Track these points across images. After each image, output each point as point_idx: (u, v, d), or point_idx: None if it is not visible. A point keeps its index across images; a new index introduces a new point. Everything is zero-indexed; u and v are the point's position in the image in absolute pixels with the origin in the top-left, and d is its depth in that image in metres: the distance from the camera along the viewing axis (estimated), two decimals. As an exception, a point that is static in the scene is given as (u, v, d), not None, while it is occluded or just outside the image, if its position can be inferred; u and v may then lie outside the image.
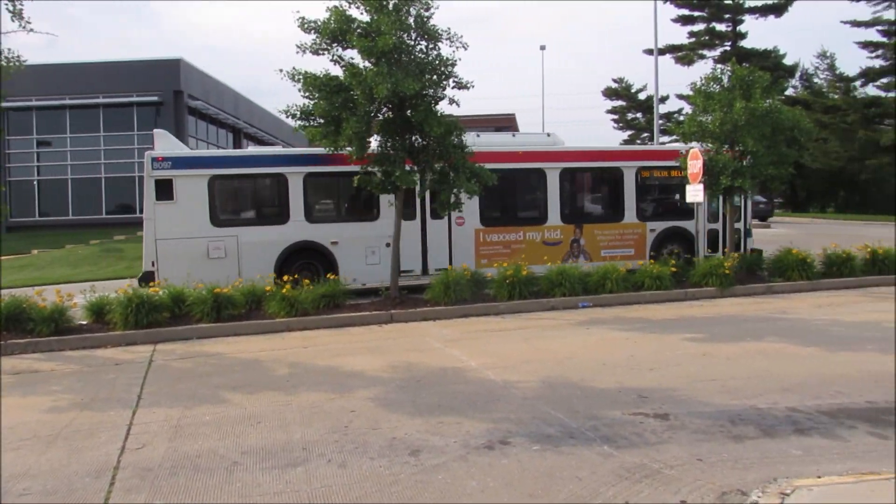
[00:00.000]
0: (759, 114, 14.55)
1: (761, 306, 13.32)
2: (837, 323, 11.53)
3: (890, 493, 4.65)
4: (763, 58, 48.00)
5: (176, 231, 14.44)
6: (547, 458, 5.81)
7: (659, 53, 37.59)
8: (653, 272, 14.28)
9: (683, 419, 6.71)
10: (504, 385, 8.15)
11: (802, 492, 4.71)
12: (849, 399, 7.22)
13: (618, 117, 64.81)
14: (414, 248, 15.55)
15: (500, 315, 13.00)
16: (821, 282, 15.31)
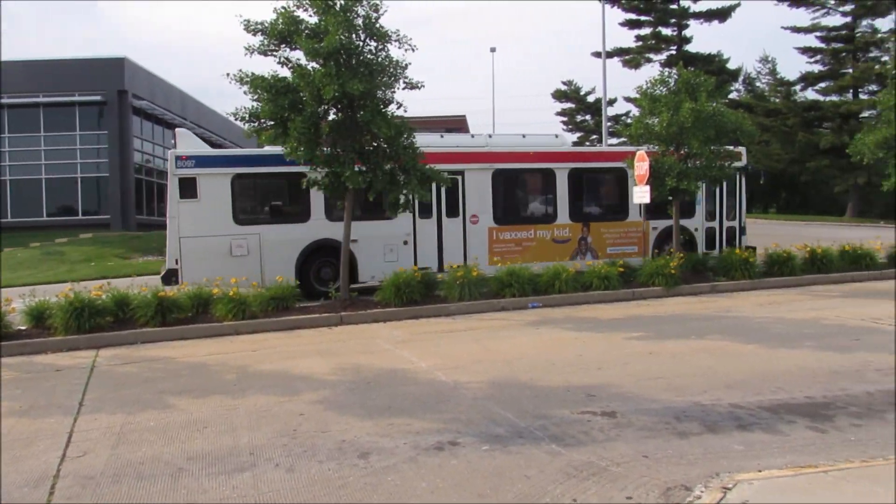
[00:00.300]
0: (704, 116, 14.87)
1: (706, 305, 13.60)
2: (778, 321, 11.83)
3: (826, 486, 4.79)
4: (707, 62, 49.02)
5: (199, 229, 14.65)
6: (496, 458, 5.84)
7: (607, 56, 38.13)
8: (601, 273, 14.48)
9: (630, 417, 6.81)
10: (454, 386, 8.17)
11: (743, 486, 4.82)
12: (789, 395, 7.41)
13: (567, 119, 65.52)
14: (431, 245, 16.14)
15: (451, 316, 13.03)
16: (763, 281, 15.72)
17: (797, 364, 8.71)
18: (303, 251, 15.24)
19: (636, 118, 16.90)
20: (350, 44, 12.23)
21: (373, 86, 12.19)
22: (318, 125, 12.72)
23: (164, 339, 11.68)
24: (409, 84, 12.81)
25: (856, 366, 8.55)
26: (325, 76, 11.66)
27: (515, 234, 16.89)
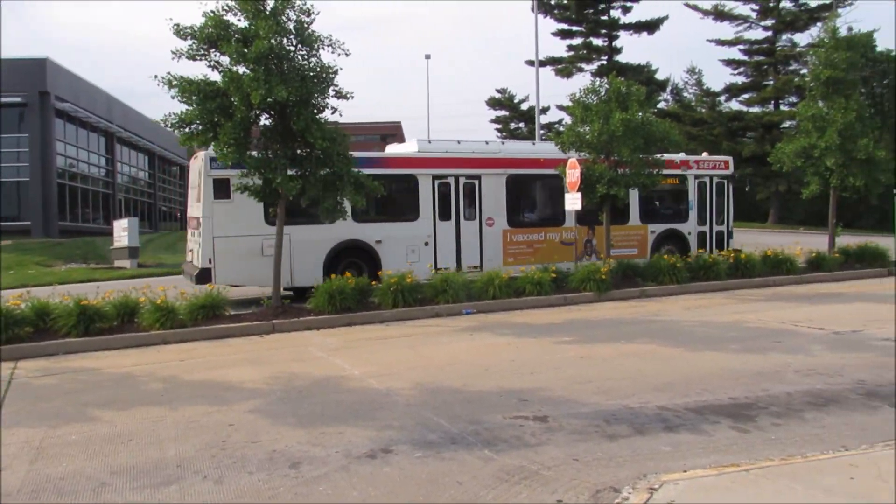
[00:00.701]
0: (634, 125, 15.20)
1: (636, 309, 13.89)
2: (704, 324, 12.17)
3: (747, 484, 4.94)
4: (637, 72, 50.20)
5: (232, 229, 14.78)
6: (429, 465, 5.83)
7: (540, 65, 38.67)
8: (534, 278, 14.63)
9: (561, 420, 6.89)
10: (387, 393, 8.13)
11: (669, 486, 4.93)
12: (713, 396, 7.63)
13: (501, 126, 66.14)
14: (450, 247, 16.84)
15: (386, 323, 12.99)
16: (689, 285, 16.15)
17: (722, 366, 8.97)
18: (331, 251, 15.60)
19: (568, 126, 17.18)
20: (281, 49, 12.09)
21: (304, 92, 12.06)
22: (248, 130, 12.54)
23: (88, 350, 11.30)
24: (339, 93, 12.74)
25: (776, 367, 8.86)
26: (254, 81, 11.50)
27: (527, 237, 17.61)
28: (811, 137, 19.03)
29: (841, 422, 6.71)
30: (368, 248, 15.94)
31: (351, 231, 15.72)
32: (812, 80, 19.82)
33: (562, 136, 16.82)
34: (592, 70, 51.66)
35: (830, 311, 13.26)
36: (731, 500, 4.67)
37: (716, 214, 19.83)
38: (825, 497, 4.68)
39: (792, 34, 48.71)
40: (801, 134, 19.64)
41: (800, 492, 4.76)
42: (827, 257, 18.78)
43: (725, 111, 51.05)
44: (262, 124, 12.94)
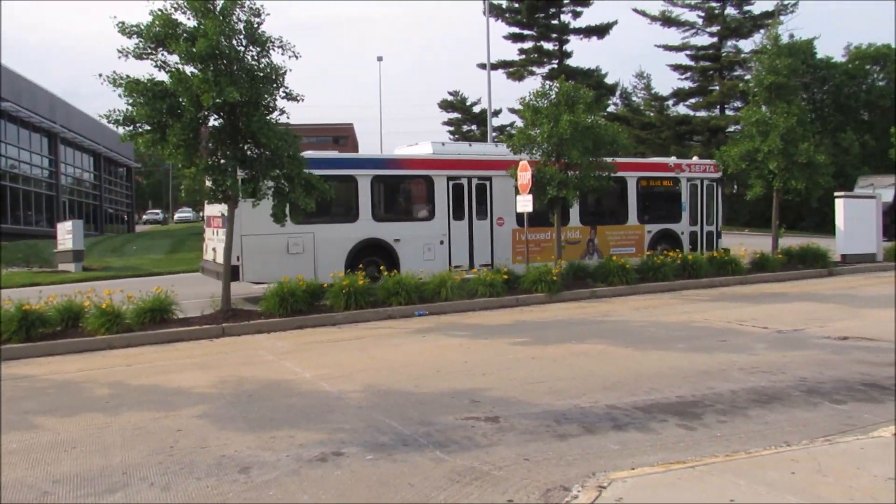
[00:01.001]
0: (582, 128, 15.40)
1: (586, 310, 14.06)
2: (653, 324, 12.38)
3: (693, 480, 5.04)
4: (587, 76, 50.87)
5: (259, 227, 14.90)
6: (380, 467, 5.82)
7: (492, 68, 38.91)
8: (486, 280, 14.70)
9: (513, 421, 6.94)
10: (339, 395, 8.09)
11: (617, 484, 5.00)
12: (661, 395, 7.77)
13: (454, 129, 66.35)
14: (463, 245, 17.51)
15: (338, 325, 12.91)
16: (638, 286, 16.42)
17: (669, 365, 9.14)
18: (352, 249, 16.11)
19: (519, 129, 17.31)
20: (230, 49, 11.95)
21: (254, 93, 11.93)
22: (197, 131, 12.35)
23: (30, 356, 10.99)
24: (289, 95, 12.63)
25: (722, 366, 9.06)
26: (204, 82, 11.34)
27: (535, 236, 18.00)
28: (755, 141, 19.51)
29: (783, 418, 6.90)
30: (387, 247, 16.54)
31: (371, 230, 16.31)
32: (755, 86, 20.32)
33: (513, 139, 16.96)
34: (544, 73, 52.14)
35: (774, 310, 13.61)
36: (677, 496, 4.76)
37: (706, 215, 20.92)
38: (767, 491, 4.80)
39: (736, 41, 49.95)
40: (746, 138, 20.13)
41: (743, 486, 4.88)
42: (770, 258, 19.27)
43: (673, 115, 52.03)
44: (210, 125, 12.76)
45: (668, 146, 48.27)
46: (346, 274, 14.68)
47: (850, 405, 7.30)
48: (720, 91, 49.11)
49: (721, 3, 49.03)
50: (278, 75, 12.53)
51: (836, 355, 9.59)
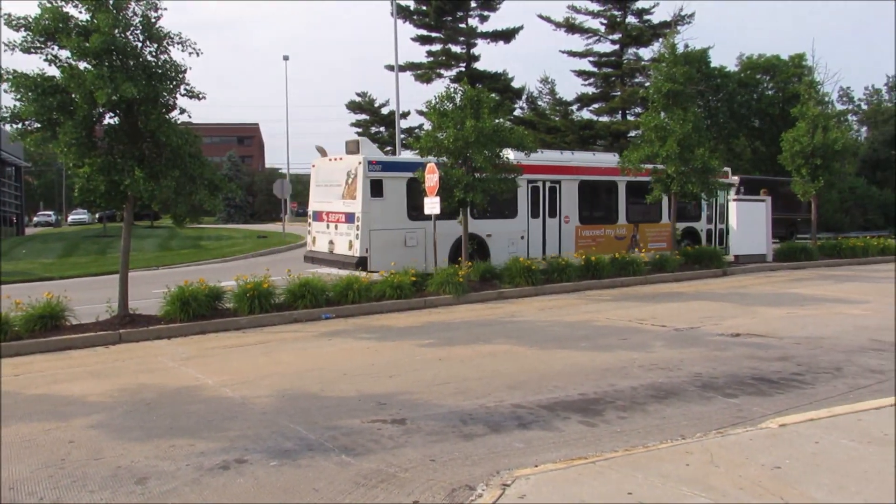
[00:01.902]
0: (487, 132, 15.57)
1: (493, 311, 14.23)
2: (557, 323, 12.65)
3: (593, 475, 5.17)
4: (494, 80, 51.53)
5: (383, 223, 17.51)
6: (284, 473, 5.72)
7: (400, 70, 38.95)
8: (393, 282, 14.67)
9: (419, 422, 6.95)
10: (242, 401, 7.90)
11: (521, 481, 5.08)
12: (564, 393, 7.94)
13: (362, 130, 65.91)
14: (538, 240, 20.34)
15: (242, 330, 12.61)
16: (544, 287, 16.72)
17: (572, 363, 9.36)
18: (455, 243, 18.16)
19: (427, 132, 17.35)
20: (126, 44, 11.51)
21: (151, 90, 11.52)
22: (92, 129, 11.83)
23: None
24: (190, 93, 12.27)
25: (623, 363, 9.34)
26: (98, 78, 10.88)
27: (592, 232, 21.35)
28: (654, 146, 20.20)
29: (679, 412, 7.17)
30: (482, 241, 19.09)
31: (470, 226, 17.86)
32: (654, 93, 21.02)
33: (420, 142, 16.98)
34: (451, 76, 52.48)
35: (672, 309, 14.13)
36: (578, 491, 4.87)
37: (719, 215, 24.23)
38: (662, 483, 4.97)
39: (637, 48, 51.58)
40: (645, 143, 20.81)
41: (640, 479, 5.04)
42: (669, 259, 19.99)
43: (577, 120, 53.27)
44: (106, 123, 12.25)
45: (572, 150, 49.41)
46: (449, 264, 16.78)
47: (740, 399, 7.65)
48: (622, 97, 50.60)
49: (622, 12, 50.58)
50: (178, 72, 12.14)
51: (728, 351, 10.04)
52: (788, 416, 6.59)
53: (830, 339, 10.79)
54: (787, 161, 24.19)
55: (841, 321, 12.42)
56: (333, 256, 18.24)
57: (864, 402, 7.04)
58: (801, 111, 24.25)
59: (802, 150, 23.45)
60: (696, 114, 21.14)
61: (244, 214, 70.16)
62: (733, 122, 43.89)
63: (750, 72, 45.16)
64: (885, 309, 13.72)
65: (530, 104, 60.31)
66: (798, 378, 8.51)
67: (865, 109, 68.25)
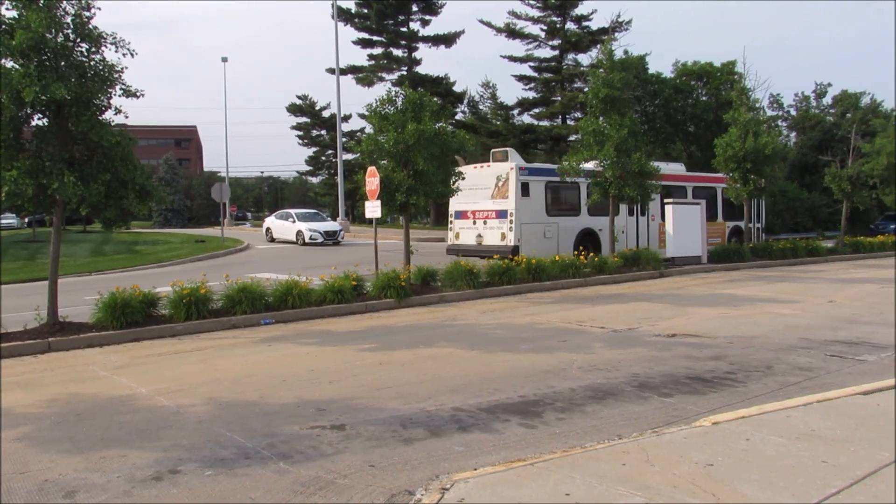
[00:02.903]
0: (427, 135, 15.58)
1: (435, 314, 14.23)
2: (499, 326, 12.71)
3: (532, 476, 5.20)
4: (436, 84, 51.73)
5: (529, 218, 22.25)
6: (220, 483, 5.60)
7: (341, 73, 38.72)
8: (335, 286, 14.55)
9: (359, 428, 6.89)
10: (177, 410, 7.72)
11: (460, 484, 5.07)
12: (505, 395, 7.97)
13: (303, 134, 65.42)
14: (633, 234, 25.46)
15: (178, 337, 12.33)
16: (485, 290, 16.80)
17: (513, 366, 9.41)
18: (577, 235, 23.11)
19: (368, 135, 17.28)
20: (56, 43, 11.15)
21: (83, 91, 11.19)
22: (19, 131, 11.44)
23: None
24: (127, 91, 11.96)
25: (562, 365, 9.43)
26: (25, 77, 10.52)
27: None
28: (592, 150, 20.52)
29: (617, 413, 7.27)
30: (595, 235, 23.64)
31: (588, 222, 23.48)
32: (592, 98, 21.36)
33: (361, 145, 16.91)
34: (393, 80, 52.52)
35: (611, 310, 14.35)
36: (516, 493, 4.89)
37: (757, 215, 29.28)
38: (599, 483, 5.03)
39: (576, 54, 52.41)
40: (584, 147, 21.12)
41: (578, 480, 5.09)
42: (608, 261, 20.31)
43: (518, 124, 53.83)
44: (34, 125, 11.84)
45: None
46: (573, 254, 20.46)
47: (676, 398, 7.80)
48: (562, 102, 51.33)
49: (562, 19, 51.32)
50: (113, 72, 11.83)
51: (665, 351, 10.23)
52: (721, 415, 6.74)
53: (762, 339, 11.10)
54: (721, 165, 24.91)
55: (772, 320, 12.79)
56: (482, 248, 22.46)
57: (793, 399, 7.25)
58: (734, 117, 24.99)
59: (735, 154, 24.16)
60: (633, 119, 21.57)
61: (182, 218, 68.78)
62: (670, 127, 44.90)
63: (685, 78, 46.27)
64: (813, 308, 14.19)
65: (472, 108, 60.70)
66: (731, 377, 8.73)
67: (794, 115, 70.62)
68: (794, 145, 59.48)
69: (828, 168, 29.12)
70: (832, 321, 12.64)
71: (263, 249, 32.99)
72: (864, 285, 18.29)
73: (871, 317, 13.07)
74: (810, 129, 60.90)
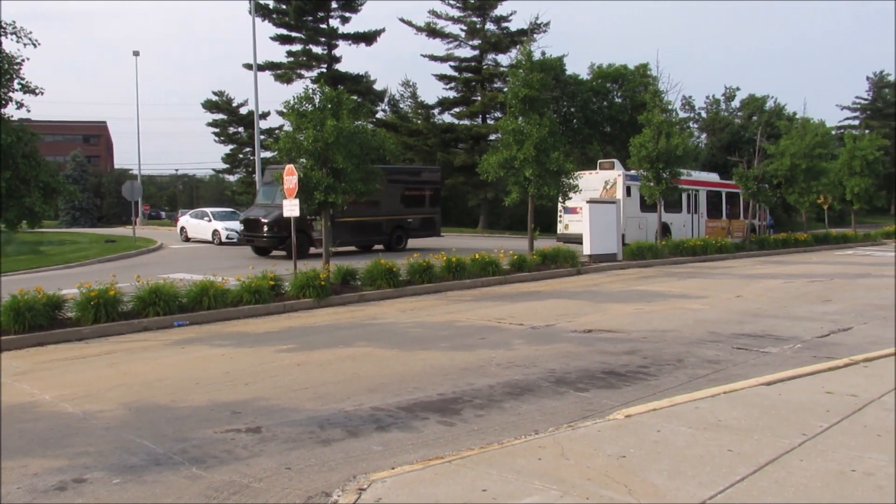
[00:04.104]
0: (346, 133, 15.45)
1: (354, 314, 14.12)
2: (418, 325, 12.71)
3: (449, 474, 5.21)
4: (356, 81, 51.37)
5: (630, 213, 29.30)
6: (128, 491, 5.40)
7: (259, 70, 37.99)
8: (251, 287, 14.26)
9: (275, 430, 6.77)
10: (83, 416, 7.41)
11: (377, 485, 5.04)
12: (424, 393, 7.97)
13: (219, 131, 63.93)
14: (689, 228, 32.78)
15: (85, 340, 11.84)
16: (405, 288, 16.78)
17: (432, 364, 9.42)
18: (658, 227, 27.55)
19: (286, 133, 17.02)
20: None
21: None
22: None
23: None
24: (25, 88, 11.42)
25: (481, 362, 9.50)
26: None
27: (711, 224, 33.92)
28: (512, 150, 20.75)
29: (534, 408, 7.36)
30: (668, 227, 30.48)
31: (665, 218, 28.62)
32: (512, 98, 21.60)
33: (279, 143, 16.64)
34: (312, 77, 51.81)
35: (529, 307, 14.54)
36: (434, 491, 4.89)
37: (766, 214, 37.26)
38: (516, 478, 5.08)
39: (496, 54, 52.85)
40: (504, 146, 21.34)
41: (495, 476, 5.12)
42: (527, 259, 20.58)
43: (439, 123, 53.97)
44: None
45: (434, 153, 49.98)
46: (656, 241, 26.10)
47: (591, 392, 7.96)
48: (482, 101, 51.70)
49: (482, 19, 51.66)
50: (11, 64, 11.28)
51: (581, 347, 10.43)
52: (634, 407, 6.91)
53: (673, 333, 11.45)
54: (635, 165, 25.61)
55: (683, 315, 13.21)
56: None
57: (702, 391, 7.50)
58: (647, 118, 25.71)
59: (648, 154, 24.85)
60: (551, 119, 21.91)
61: (91, 218, 66.28)
62: (587, 128, 45.88)
63: (601, 80, 47.33)
64: (721, 303, 14.73)
65: (392, 107, 60.57)
66: (644, 370, 8.96)
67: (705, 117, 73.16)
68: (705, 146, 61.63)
69: (735, 168, 30.28)
70: (739, 315, 13.14)
71: (178, 249, 32.10)
72: (769, 281, 19.11)
73: (774, 311, 13.65)
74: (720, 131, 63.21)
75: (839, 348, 10.10)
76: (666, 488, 4.90)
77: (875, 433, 5.92)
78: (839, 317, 12.84)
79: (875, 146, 36.49)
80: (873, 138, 37.60)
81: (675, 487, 4.91)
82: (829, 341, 10.74)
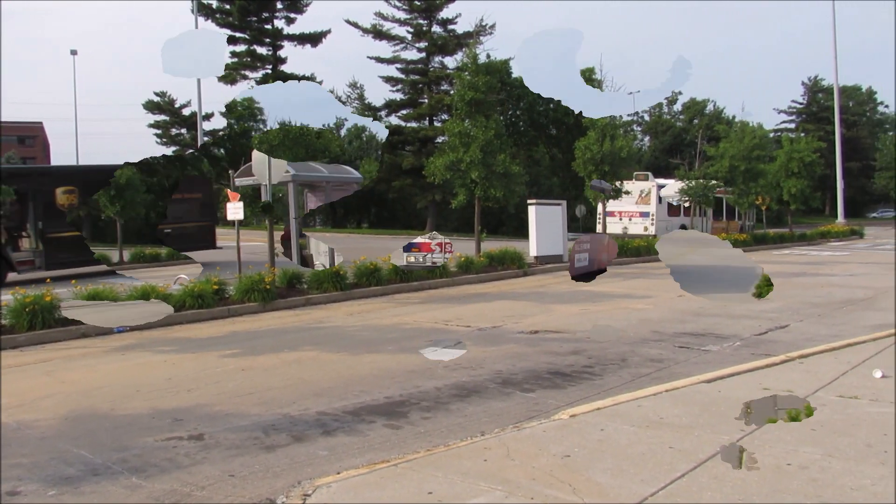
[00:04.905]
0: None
1: (301, 318, 13.98)
2: (366, 328, 12.65)
3: (395, 477, 5.20)
4: (302, 83, 50.76)
5: (660, 217, 36.48)
6: (64, 503, 5.25)
7: (201, 70, 37.25)
8: (194, 291, 14.00)
9: (219, 437, 6.66)
10: (17, 427, 7.17)
11: (322, 490, 5.00)
12: (370, 397, 7.93)
13: (161, 132, 62.66)
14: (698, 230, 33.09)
15: (20, 348, 11.46)
16: (353, 292, 16.67)
17: (379, 367, 9.38)
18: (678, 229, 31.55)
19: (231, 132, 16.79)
20: None
21: None
22: None
23: None
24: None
25: (428, 364, 9.50)
26: None
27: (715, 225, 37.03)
28: (458, 152, 20.82)
29: (480, 409, 7.39)
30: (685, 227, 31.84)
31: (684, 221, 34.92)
32: (458, 101, 21.66)
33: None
34: (257, 78, 51.25)
35: (476, 309, 14.59)
36: (380, 495, 4.87)
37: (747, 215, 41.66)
38: (462, 480, 5.09)
39: (443, 57, 52.93)
40: (450, 149, 21.40)
41: (441, 478, 5.13)
42: (474, 261, 20.65)
43: (386, 125, 53.83)
44: None
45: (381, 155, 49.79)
46: None
47: (537, 393, 8.03)
48: (429, 104, 51.71)
49: (428, 21, 51.69)
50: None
51: (528, 347, 10.51)
52: (578, 407, 6.98)
53: (618, 332, 11.62)
54: (581, 167, 25.90)
55: (627, 315, 13.42)
56: (627, 236, 31.72)
57: (644, 390, 7.62)
58: (592, 121, 26.05)
59: (593, 157, 25.19)
60: (497, 121, 22.06)
61: (27, 222, 64.19)
62: (533, 131, 46.25)
63: (547, 83, 47.74)
64: (664, 303, 15.00)
65: (339, 109, 60.00)
66: (589, 370, 9.07)
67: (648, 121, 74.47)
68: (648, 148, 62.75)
69: (677, 170, 30.96)
70: (681, 314, 13.40)
71: (119, 253, 31.29)
72: (710, 280, 19.54)
73: (715, 310, 13.95)
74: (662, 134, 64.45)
75: (776, 345, 10.37)
76: (609, 486, 4.96)
77: (809, 427, 6.10)
78: (777, 315, 13.20)
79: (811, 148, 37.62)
80: (810, 141, 38.73)
81: (618, 485, 4.98)
82: (767, 339, 11.03)
